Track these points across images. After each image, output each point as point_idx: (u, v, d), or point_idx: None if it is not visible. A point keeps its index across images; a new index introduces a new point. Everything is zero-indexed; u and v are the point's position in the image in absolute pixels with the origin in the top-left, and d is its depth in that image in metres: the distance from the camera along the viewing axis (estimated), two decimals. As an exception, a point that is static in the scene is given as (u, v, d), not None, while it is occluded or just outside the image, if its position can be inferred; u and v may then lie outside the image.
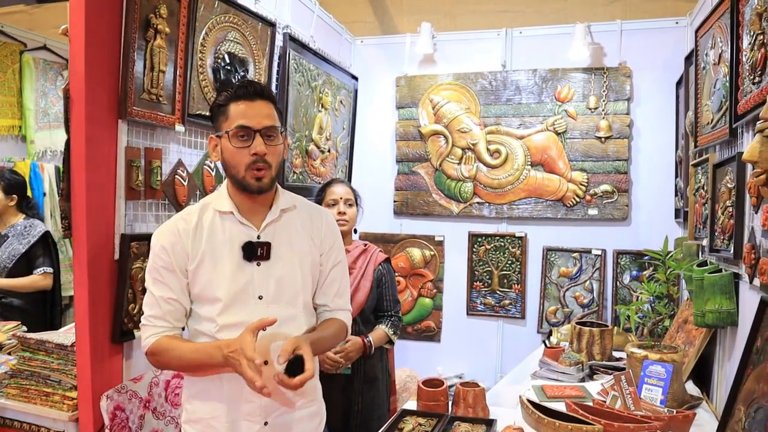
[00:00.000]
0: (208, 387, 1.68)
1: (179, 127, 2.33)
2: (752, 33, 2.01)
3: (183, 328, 1.73)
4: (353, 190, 2.80)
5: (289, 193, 1.82)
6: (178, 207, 2.39)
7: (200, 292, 1.65)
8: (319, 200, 2.73)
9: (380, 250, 2.87)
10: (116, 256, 2.11)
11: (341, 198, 2.70)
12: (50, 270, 3.38)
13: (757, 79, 1.97)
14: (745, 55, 2.10)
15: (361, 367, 2.68)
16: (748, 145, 1.78)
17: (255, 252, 1.65)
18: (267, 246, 1.68)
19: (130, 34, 2.03)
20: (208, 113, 2.48)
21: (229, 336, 1.60)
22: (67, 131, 1.98)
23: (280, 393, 1.64)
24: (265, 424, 1.67)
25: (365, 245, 2.80)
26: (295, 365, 1.51)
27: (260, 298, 1.66)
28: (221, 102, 1.66)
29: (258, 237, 1.68)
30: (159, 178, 2.24)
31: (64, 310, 3.66)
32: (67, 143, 1.99)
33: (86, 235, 1.99)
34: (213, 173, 2.58)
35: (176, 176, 2.37)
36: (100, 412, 2.02)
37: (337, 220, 2.46)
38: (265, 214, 1.70)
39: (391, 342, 2.76)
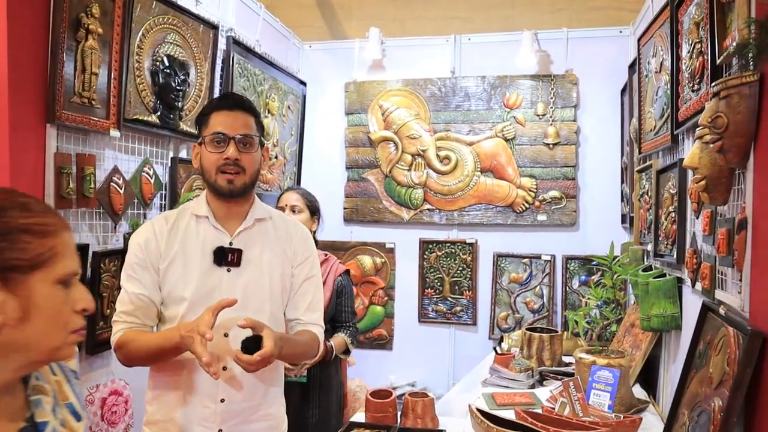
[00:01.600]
0: (166, 390, 1.70)
1: (114, 133, 2.23)
2: (691, 42, 2.04)
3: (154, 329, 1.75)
4: (309, 200, 2.75)
5: (266, 205, 1.86)
6: (114, 216, 2.28)
7: (169, 291, 1.69)
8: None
9: (340, 262, 2.85)
10: (45, 268, 1.99)
11: (287, 205, 2.67)
12: None
13: (696, 87, 2.00)
14: (685, 63, 2.13)
15: (317, 376, 2.63)
16: (689, 151, 1.80)
17: (225, 257, 1.68)
18: (238, 252, 1.71)
19: (58, 34, 1.92)
20: (147, 118, 2.41)
21: None
22: (-11, 136, 1.86)
23: (233, 380, 1.68)
24: (220, 431, 1.68)
25: (326, 255, 2.77)
26: (252, 344, 1.52)
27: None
28: (204, 111, 1.75)
29: (230, 243, 1.71)
30: (93, 186, 2.13)
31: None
32: (-11, 149, 1.86)
33: (11, 247, 1.87)
34: (152, 180, 2.48)
35: (112, 184, 2.26)
36: (27, 434, 1.90)
37: None
38: (240, 222, 1.74)
39: (347, 351, 2.73)
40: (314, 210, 2.76)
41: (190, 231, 1.72)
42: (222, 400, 1.68)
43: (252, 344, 1.52)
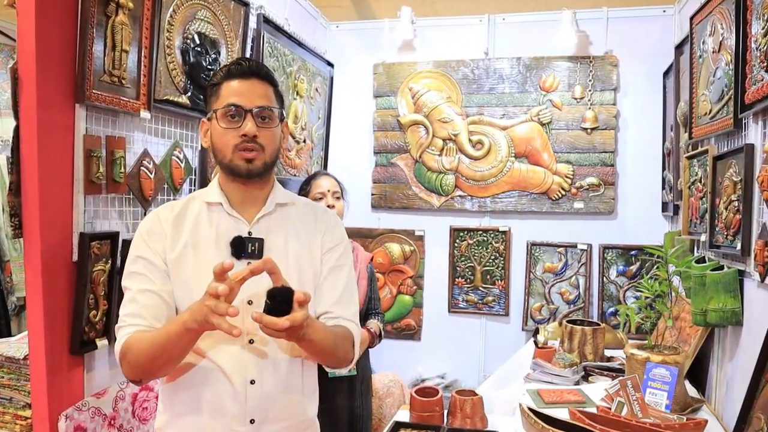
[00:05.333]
0: (183, 412, 1.45)
1: (144, 114, 2.11)
2: (765, 17, 1.89)
3: None
4: (339, 183, 2.66)
5: (288, 191, 1.61)
6: (144, 202, 2.18)
7: (181, 292, 1.43)
8: (304, 194, 2.56)
9: (362, 249, 2.80)
10: (75, 257, 1.89)
11: (329, 191, 2.57)
12: None
13: (770, 66, 1.85)
14: (755, 42, 1.98)
15: (359, 368, 2.56)
16: (757, 136, 1.66)
17: (245, 248, 1.43)
18: (259, 242, 1.45)
19: (88, 8, 1.80)
20: (177, 98, 2.29)
21: (210, 344, 1.41)
22: (16, 117, 1.75)
23: (263, 389, 1.43)
24: None
25: (351, 242, 2.68)
26: (280, 303, 1.20)
27: (249, 303, 1.41)
28: (214, 81, 1.49)
29: (249, 233, 1.47)
30: (122, 170, 2.02)
31: (20, 311, 3.40)
32: (16, 130, 1.75)
33: (40, 234, 1.77)
34: (182, 165, 2.37)
35: (142, 168, 2.15)
36: (57, 432, 1.82)
37: None
38: (259, 208, 1.50)
39: (380, 336, 2.68)
40: (344, 196, 2.69)
41: (202, 219, 1.48)
42: (252, 421, 1.43)
43: (279, 300, 1.19)
